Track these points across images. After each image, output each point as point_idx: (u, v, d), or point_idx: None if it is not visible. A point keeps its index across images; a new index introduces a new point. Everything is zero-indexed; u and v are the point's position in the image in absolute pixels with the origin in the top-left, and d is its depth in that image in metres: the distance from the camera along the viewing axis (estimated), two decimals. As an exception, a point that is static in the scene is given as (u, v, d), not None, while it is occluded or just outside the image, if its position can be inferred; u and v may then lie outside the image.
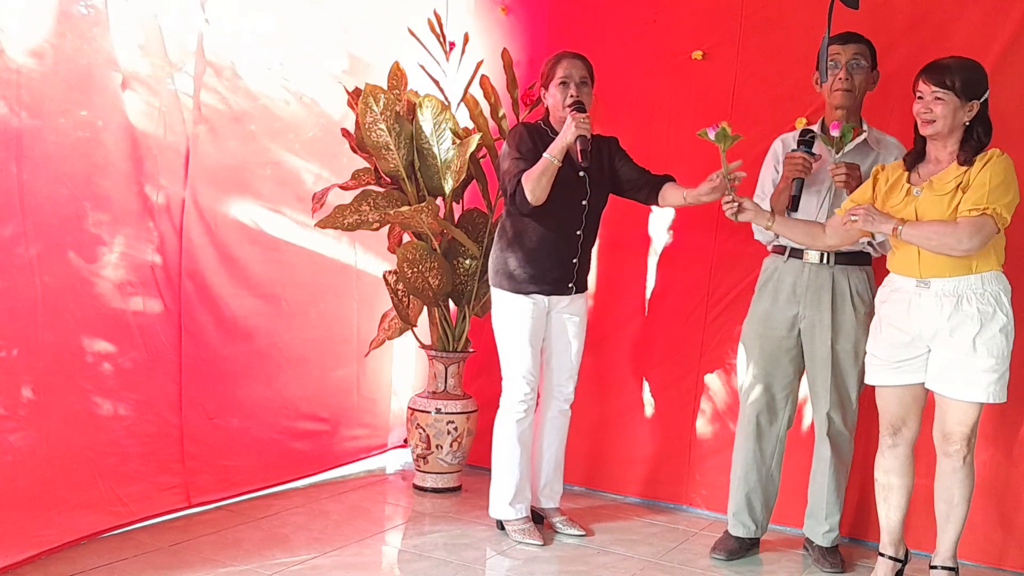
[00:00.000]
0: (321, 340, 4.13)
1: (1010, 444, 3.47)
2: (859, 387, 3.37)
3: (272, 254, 3.85)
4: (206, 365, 3.58)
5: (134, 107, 3.26)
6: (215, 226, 3.59)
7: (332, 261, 4.14)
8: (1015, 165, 3.44)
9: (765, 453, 3.47)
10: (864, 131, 3.33)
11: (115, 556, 3.09)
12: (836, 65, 3.27)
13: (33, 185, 2.95)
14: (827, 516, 3.41)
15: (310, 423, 4.10)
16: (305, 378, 4.05)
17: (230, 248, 3.67)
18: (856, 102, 3.31)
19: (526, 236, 3.44)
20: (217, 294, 3.63)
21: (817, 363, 3.36)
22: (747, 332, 3.49)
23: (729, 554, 3.47)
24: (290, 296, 3.95)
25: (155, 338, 3.38)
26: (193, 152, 3.45)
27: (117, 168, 3.24)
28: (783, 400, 3.45)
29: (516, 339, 3.48)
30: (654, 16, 4.10)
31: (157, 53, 3.31)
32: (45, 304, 3.00)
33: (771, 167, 3.48)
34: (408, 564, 3.29)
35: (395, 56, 4.07)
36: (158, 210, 3.37)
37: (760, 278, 3.49)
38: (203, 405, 3.58)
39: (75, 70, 3.08)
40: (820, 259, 3.33)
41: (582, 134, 3.25)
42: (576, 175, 3.43)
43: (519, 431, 3.52)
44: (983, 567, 3.49)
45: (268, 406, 3.89)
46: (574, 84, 3.38)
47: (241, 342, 3.75)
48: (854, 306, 3.31)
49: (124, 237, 3.27)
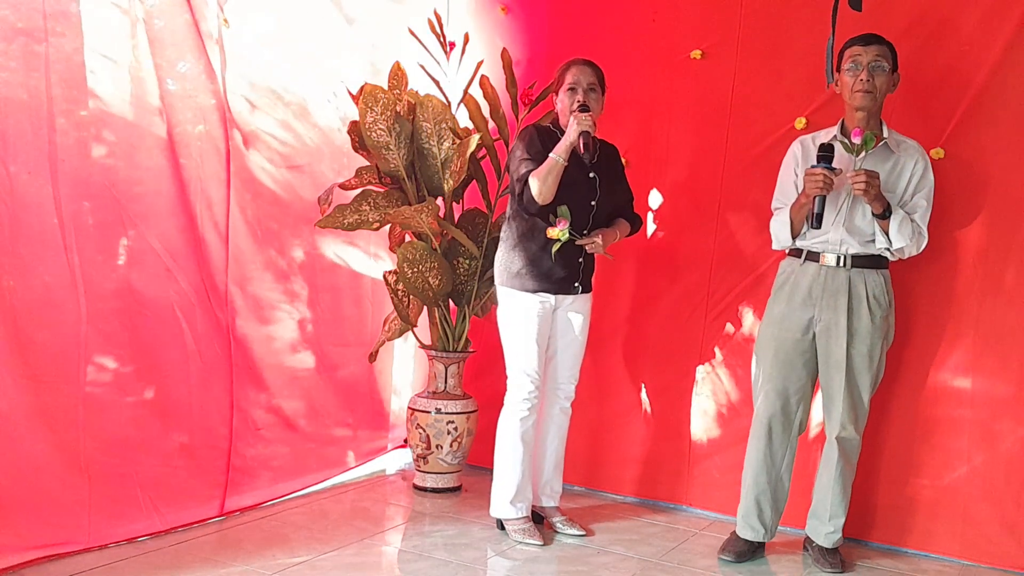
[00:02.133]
0: (345, 345, 4.17)
1: (1010, 444, 3.47)
2: (872, 391, 3.36)
3: (300, 258, 3.91)
4: (252, 374, 3.63)
5: (175, 113, 3.28)
6: (259, 233, 3.64)
7: (350, 263, 4.18)
8: (1016, 165, 3.46)
9: (776, 457, 3.44)
10: (885, 135, 3.29)
11: (115, 556, 3.08)
12: (857, 66, 3.22)
13: (81, 190, 3.00)
14: (831, 517, 3.39)
15: (339, 429, 4.16)
16: (330, 383, 4.09)
17: (270, 254, 3.73)
18: (877, 104, 3.26)
19: (534, 235, 3.47)
20: (257, 303, 3.68)
21: (832, 367, 3.33)
22: (762, 335, 3.47)
23: (738, 556, 3.44)
24: (322, 301, 4.00)
25: (209, 347, 3.42)
26: (233, 156, 3.48)
27: (162, 174, 3.27)
28: (796, 404, 3.42)
29: (523, 338, 3.49)
30: (653, 16, 4.10)
31: (192, 54, 3.33)
32: (89, 310, 3.03)
33: (791, 170, 3.43)
34: (408, 564, 3.29)
35: (395, 56, 4.07)
36: (203, 217, 3.40)
37: (776, 281, 3.48)
38: (250, 415, 3.63)
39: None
40: (837, 262, 3.30)
41: (585, 130, 3.31)
42: (586, 175, 3.47)
43: (522, 430, 3.52)
44: (983, 567, 3.49)
45: (300, 413, 3.92)
46: (582, 90, 3.44)
47: (280, 353, 3.80)
48: (870, 309, 3.28)
49: (166, 240, 3.29)
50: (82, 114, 3.01)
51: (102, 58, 3.07)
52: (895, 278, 3.47)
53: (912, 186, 3.30)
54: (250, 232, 3.60)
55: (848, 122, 3.31)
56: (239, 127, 3.52)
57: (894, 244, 3.23)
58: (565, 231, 3.38)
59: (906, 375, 3.62)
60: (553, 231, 3.39)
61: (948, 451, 3.56)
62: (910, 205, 3.29)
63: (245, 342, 3.60)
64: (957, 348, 3.55)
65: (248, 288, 3.62)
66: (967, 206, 3.53)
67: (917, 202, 3.29)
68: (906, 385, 3.62)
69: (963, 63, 3.52)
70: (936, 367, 3.58)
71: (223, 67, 3.42)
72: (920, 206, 3.29)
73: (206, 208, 3.40)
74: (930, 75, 3.58)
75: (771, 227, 3.44)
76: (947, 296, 3.56)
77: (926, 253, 3.52)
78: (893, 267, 3.43)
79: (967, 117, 3.51)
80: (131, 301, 3.19)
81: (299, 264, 3.90)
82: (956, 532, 3.54)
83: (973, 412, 3.52)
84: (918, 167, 3.30)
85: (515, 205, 3.51)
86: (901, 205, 3.27)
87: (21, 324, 2.85)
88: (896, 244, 3.23)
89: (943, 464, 3.57)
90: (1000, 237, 3.48)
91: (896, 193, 3.28)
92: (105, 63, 3.08)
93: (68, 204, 2.96)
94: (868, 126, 3.25)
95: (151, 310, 3.25)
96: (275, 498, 3.77)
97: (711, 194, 3.96)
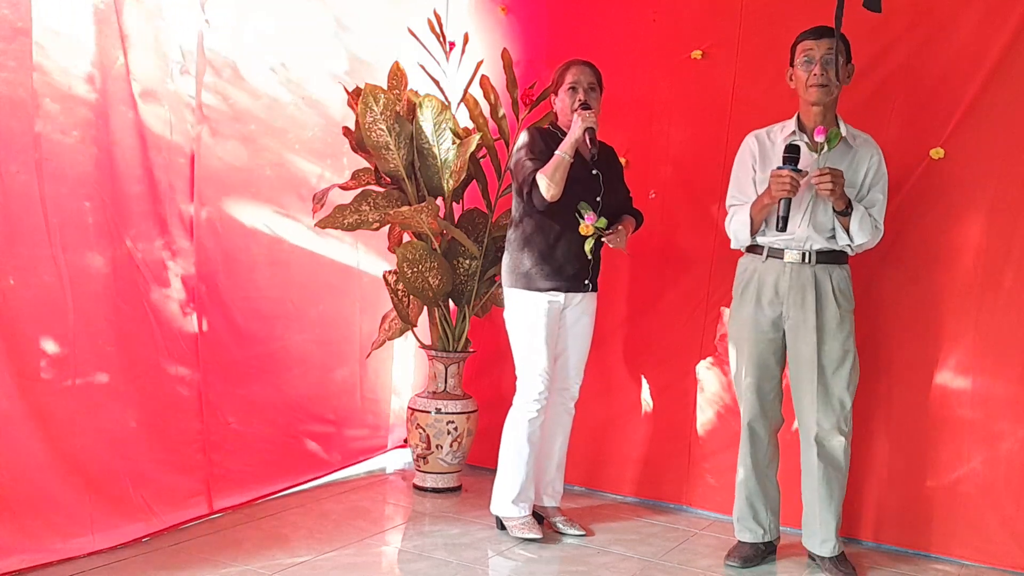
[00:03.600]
0: (325, 341, 4.14)
1: (1010, 444, 3.47)
2: (852, 389, 3.29)
3: (276, 255, 3.86)
4: (222, 369, 3.60)
5: (144, 111, 3.26)
6: (221, 229, 3.60)
7: (333, 262, 4.15)
8: (1017, 165, 3.46)
9: (760, 457, 3.41)
10: (842, 130, 3.23)
11: (115, 556, 3.08)
12: (811, 61, 3.18)
13: (52, 190, 2.97)
14: (822, 524, 3.31)
15: (318, 425, 4.12)
16: (311, 380, 4.07)
17: (237, 251, 3.68)
18: (832, 97, 3.22)
19: (543, 234, 3.47)
20: (229, 298, 3.64)
21: (802, 366, 3.28)
22: (736, 338, 3.42)
23: (744, 561, 3.39)
24: (295, 297, 3.96)
25: (175, 341, 3.39)
26: (198, 155, 3.45)
27: (131, 171, 3.24)
28: (773, 402, 3.40)
29: (533, 338, 3.49)
30: (654, 16, 4.10)
31: (158, 53, 3.31)
32: (76, 308, 3.02)
33: (748, 166, 3.37)
34: (408, 564, 3.29)
35: (395, 56, 4.07)
36: (171, 214, 3.38)
37: (737, 280, 3.42)
38: (222, 410, 3.60)
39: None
40: (802, 259, 3.25)
41: (589, 126, 3.34)
42: (590, 172, 3.49)
43: (530, 431, 3.52)
44: (983, 567, 3.49)
45: (279, 409, 3.90)
46: (582, 89, 3.45)
47: (252, 346, 3.77)
48: (838, 304, 3.24)
49: (143, 241, 3.27)
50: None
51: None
52: (894, 277, 3.46)
53: (869, 180, 3.26)
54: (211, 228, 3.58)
55: (804, 117, 3.27)
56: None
57: (855, 240, 3.20)
58: (602, 220, 3.40)
59: (906, 375, 3.61)
60: (586, 226, 3.39)
61: (948, 451, 3.56)
62: (867, 199, 3.25)
63: (213, 335, 3.55)
64: (957, 348, 3.54)
65: (215, 282, 3.58)
66: (967, 206, 3.52)
67: (874, 196, 3.26)
68: (906, 385, 3.62)
69: (963, 63, 3.51)
70: (936, 367, 3.57)
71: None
72: (877, 200, 3.25)
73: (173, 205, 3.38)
74: (930, 75, 3.57)
75: (729, 227, 3.39)
76: (947, 296, 3.55)
77: (925, 253, 3.53)
78: (892, 267, 3.43)
79: (967, 117, 3.51)
80: (104, 295, 3.16)
81: (273, 258, 3.85)
82: (956, 532, 3.54)
83: (973, 412, 3.52)
84: (873, 161, 3.26)
85: (521, 207, 3.52)
86: (859, 199, 3.24)
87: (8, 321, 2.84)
88: (857, 240, 3.20)
89: (943, 464, 3.57)
90: (1000, 237, 3.48)
91: (855, 187, 3.24)
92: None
93: (53, 201, 2.95)
94: (824, 120, 3.21)
95: (124, 304, 3.22)
96: (259, 497, 3.75)
97: (711, 194, 3.95)
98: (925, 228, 3.57)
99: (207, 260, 3.52)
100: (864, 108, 3.51)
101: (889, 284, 3.59)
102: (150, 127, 3.27)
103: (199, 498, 3.48)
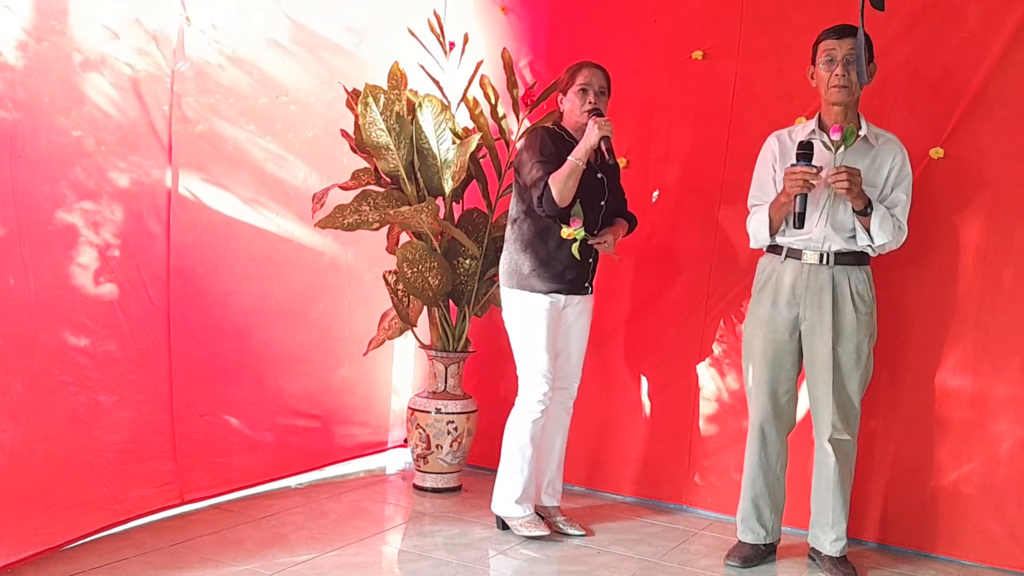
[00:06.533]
0: (311, 338, 4.13)
1: (1010, 444, 3.47)
2: (862, 390, 3.31)
3: (262, 251, 3.84)
4: (196, 362, 3.57)
5: (119, 100, 3.22)
6: (200, 223, 3.57)
7: (322, 259, 4.14)
8: (1017, 165, 3.46)
9: (771, 459, 3.40)
10: (863, 129, 3.23)
11: (115, 556, 3.08)
12: (832, 61, 3.17)
13: (22, 181, 2.91)
14: (833, 524, 3.32)
15: (301, 420, 4.09)
16: (295, 375, 4.05)
17: (219, 245, 3.65)
18: (853, 97, 3.21)
19: (547, 237, 3.47)
20: (207, 291, 3.62)
21: (818, 367, 3.28)
22: (750, 336, 3.41)
23: (744, 561, 3.39)
24: (279, 294, 3.94)
25: (143, 335, 3.35)
26: (176, 145, 3.41)
27: (102, 162, 3.19)
28: (787, 404, 3.39)
29: (536, 339, 3.48)
30: (654, 16, 4.11)
31: (139, 43, 3.27)
32: (37, 301, 2.97)
33: (768, 165, 3.38)
34: (408, 564, 3.29)
35: (395, 56, 4.07)
36: (146, 206, 3.34)
37: (756, 279, 3.42)
38: (193, 402, 3.57)
39: (57, 60, 3.03)
40: (820, 260, 3.25)
41: (605, 135, 3.32)
42: (595, 176, 3.49)
43: (533, 431, 3.52)
44: (983, 567, 3.49)
45: (259, 403, 3.88)
46: (593, 92, 3.45)
47: (232, 339, 3.74)
48: (855, 307, 3.23)
49: (111, 235, 3.23)
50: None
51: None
52: (894, 278, 3.46)
53: (892, 180, 3.24)
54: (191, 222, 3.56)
55: (825, 116, 3.26)
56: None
57: (876, 240, 3.19)
58: (580, 229, 3.40)
59: (906, 375, 3.62)
60: (568, 230, 3.40)
61: (948, 451, 3.56)
62: (890, 199, 3.23)
63: (186, 327, 3.52)
64: (957, 348, 3.54)
65: (191, 273, 3.55)
66: (967, 206, 3.52)
67: (897, 196, 3.24)
68: (906, 386, 3.62)
69: (963, 63, 3.51)
70: (936, 367, 3.58)
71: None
72: (900, 200, 3.24)
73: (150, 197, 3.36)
74: (930, 75, 3.58)
75: (749, 225, 3.38)
76: (947, 296, 3.55)
77: (925, 253, 3.53)
78: (892, 267, 3.43)
79: (967, 117, 3.51)
80: (69, 287, 3.13)
81: (256, 253, 3.83)
82: (957, 532, 3.54)
83: (973, 412, 3.52)
84: (896, 160, 3.24)
85: (523, 207, 3.51)
86: (881, 199, 3.22)
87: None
88: (878, 240, 3.19)
89: (943, 464, 3.57)
90: (1000, 237, 3.48)
91: (876, 187, 3.23)
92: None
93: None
94: (846, 120, 3.20)
95: (90, 297, 3.19)
96: (232, 490, 3.74)
97: (711, 194, 3.96)
98: (925, 228, 3.56)
99: (185, 253, 3.48)
100: (864, 108, 3.50)
101: (889, 284, 3.59)
102: (123, 118, 3.24)
103: (169, 487, 3.46)
